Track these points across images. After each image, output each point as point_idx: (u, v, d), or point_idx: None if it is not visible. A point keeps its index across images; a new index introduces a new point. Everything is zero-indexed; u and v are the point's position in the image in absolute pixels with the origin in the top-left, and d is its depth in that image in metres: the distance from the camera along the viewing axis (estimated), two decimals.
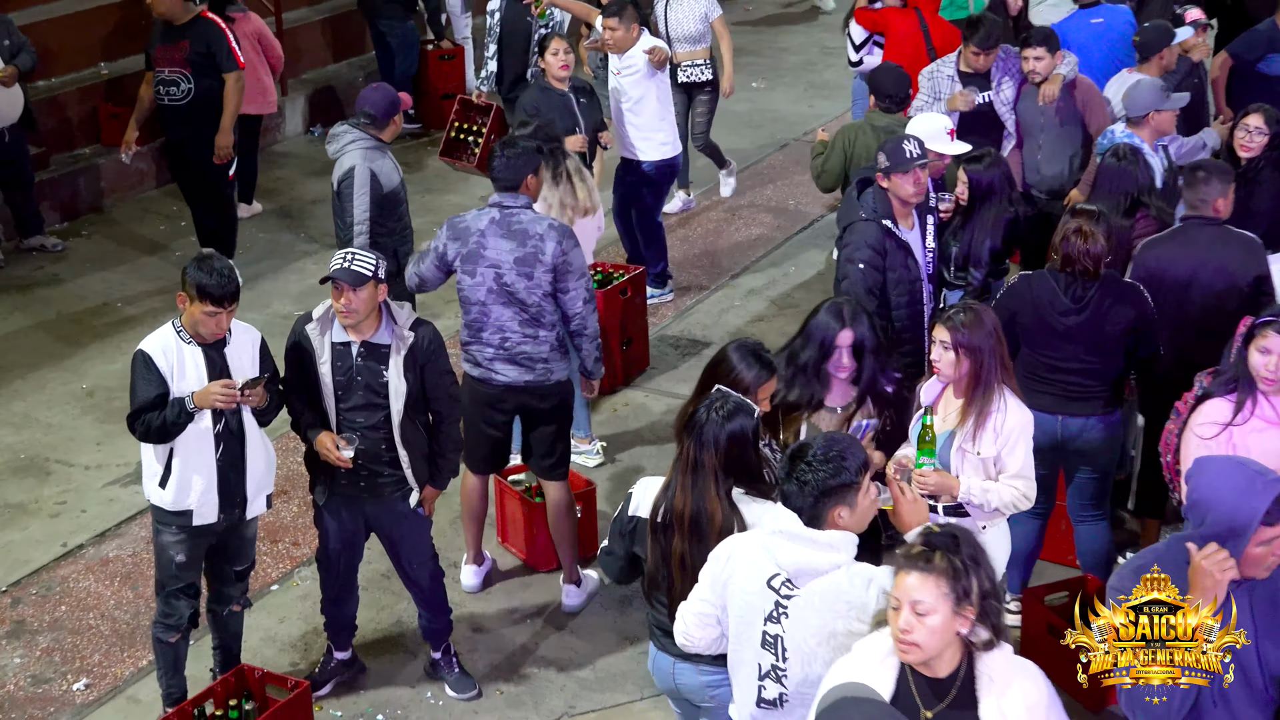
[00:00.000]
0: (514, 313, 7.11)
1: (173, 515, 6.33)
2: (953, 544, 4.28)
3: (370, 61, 14.74)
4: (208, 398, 6.10)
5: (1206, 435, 6.00)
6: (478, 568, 7.69)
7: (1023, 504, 6.13)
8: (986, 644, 4.30)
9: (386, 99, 8.28)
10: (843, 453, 4.75)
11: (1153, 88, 8.65)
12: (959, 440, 6.09)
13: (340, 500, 6.61)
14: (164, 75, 10.34)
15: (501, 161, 7.16)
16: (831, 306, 6.23)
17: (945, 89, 9.44)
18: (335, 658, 7.02)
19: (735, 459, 5.20)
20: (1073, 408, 6.92)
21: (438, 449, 6.63)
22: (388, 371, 6.37)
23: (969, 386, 6.06)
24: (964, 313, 6.06)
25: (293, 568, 7.88)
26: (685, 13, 11.19)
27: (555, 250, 7.05)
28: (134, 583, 7.74)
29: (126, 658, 7.22)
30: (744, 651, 4.94)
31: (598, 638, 7.33)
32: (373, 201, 8.06)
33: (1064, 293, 6.87)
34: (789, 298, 10.78)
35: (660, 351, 10.08)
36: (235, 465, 6.36)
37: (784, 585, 4.79)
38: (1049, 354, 6.95)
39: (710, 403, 5.26)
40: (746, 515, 5.20)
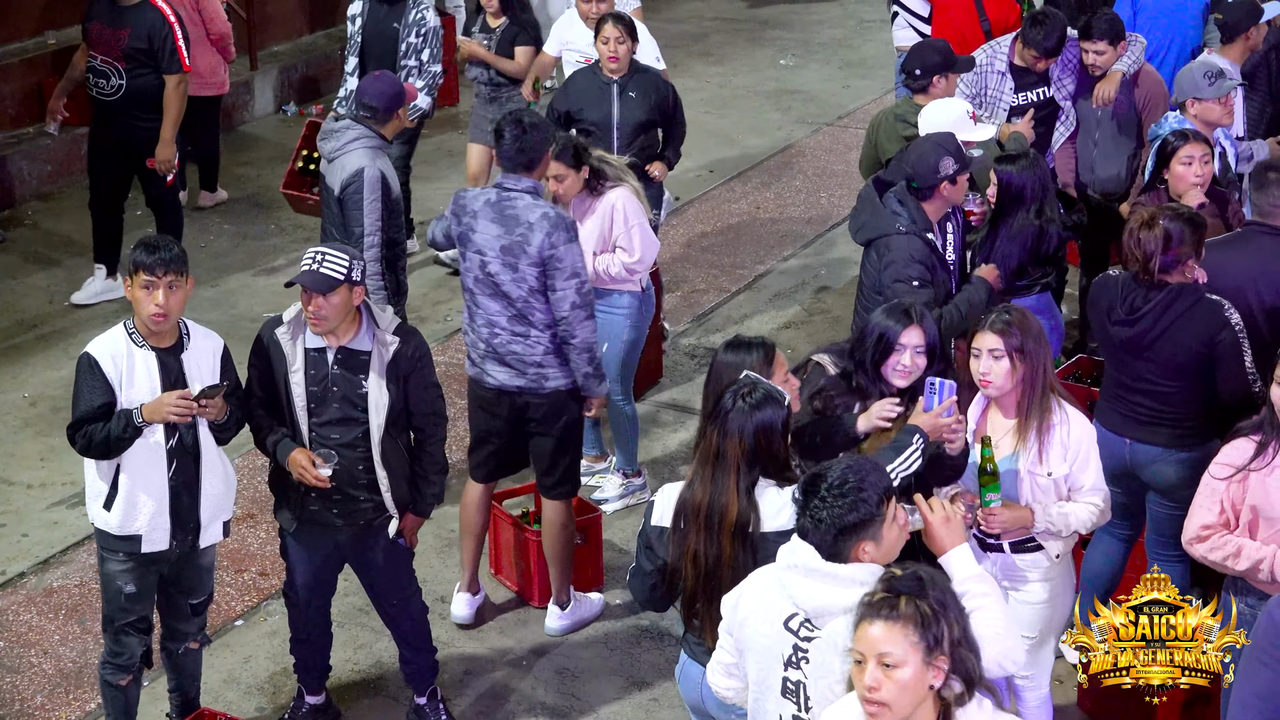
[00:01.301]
0: (501, 307, 7.20)
1: (119, 540, 6.34)
2: (918, 587, 4.26)
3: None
4: (160, 410, 6.09)
5: (1219, 476, 5.95)
6: (471, 596, 7.72)
7: (1101, 520, 6.18)
8: (959, 698, 4.27)
9: (391, 90, 8.24)
10: (861, 483, 4.75)
11: (1196, 71, 8.69)
12: (1024, 464, 6.09)
13: (310, 528, 6.61)
14: (96, 63, 10.27)
15: (511, 138, 7.19)
16: (894, 306, 6.19)
17: (994, 85, 9.38)
18: (307, 702, 7.03)
19: (762, 450, 5.32)
20: (1141, 433, 6.88)
21: (420, 471, 6.64)
22: (367, 382, 6.38)
23: (1023, 397, 6.07)
24: (1008, 314, 6.07)
25: (260, 600, 7.91)
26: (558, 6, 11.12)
27: (543, 242, 7.08)
28: (81, 616, 7.77)
29: (72, 700, 7.25)
30: (765, 700, 4.96)
31: (602, 682, 7.35)
32: (385, 211, 8.03)
33: (1121, 300, 6.88)
34: (820, 302, 10.82)
35: (674, 361, 10.12)
36: (189, 486, 6.36)
37: (803, 626, 4.80)
38: (1118, 369, 6.97)
39: (738, 389, 5.37)
40: (766, 507, 5.31)
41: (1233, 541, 5.86)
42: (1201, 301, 6.81)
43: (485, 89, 10.83)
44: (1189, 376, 6.82)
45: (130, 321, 6.27)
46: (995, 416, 6.19)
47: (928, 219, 7.38)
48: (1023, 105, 9.39)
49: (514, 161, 7.20)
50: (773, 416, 5.35)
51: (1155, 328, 6.80)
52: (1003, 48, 9.48)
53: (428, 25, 10.48)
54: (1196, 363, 6.80)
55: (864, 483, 4.74)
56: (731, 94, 14.69)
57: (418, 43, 10.42)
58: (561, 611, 7.60)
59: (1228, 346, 6.76)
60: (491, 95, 10.81)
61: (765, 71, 15.04)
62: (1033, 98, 9.41)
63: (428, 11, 10.52)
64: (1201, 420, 6.87)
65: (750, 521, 5.29)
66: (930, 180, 7.33)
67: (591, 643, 7.62)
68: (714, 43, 16.06)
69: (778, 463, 5.39)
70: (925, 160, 7.37)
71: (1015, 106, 9.38)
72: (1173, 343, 6.79)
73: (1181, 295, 6.80)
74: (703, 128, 13.34)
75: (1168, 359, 6.81)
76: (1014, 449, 6.11)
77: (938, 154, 7.36)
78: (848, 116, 13.90)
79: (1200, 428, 6.88)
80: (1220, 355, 6.77)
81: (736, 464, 5.32)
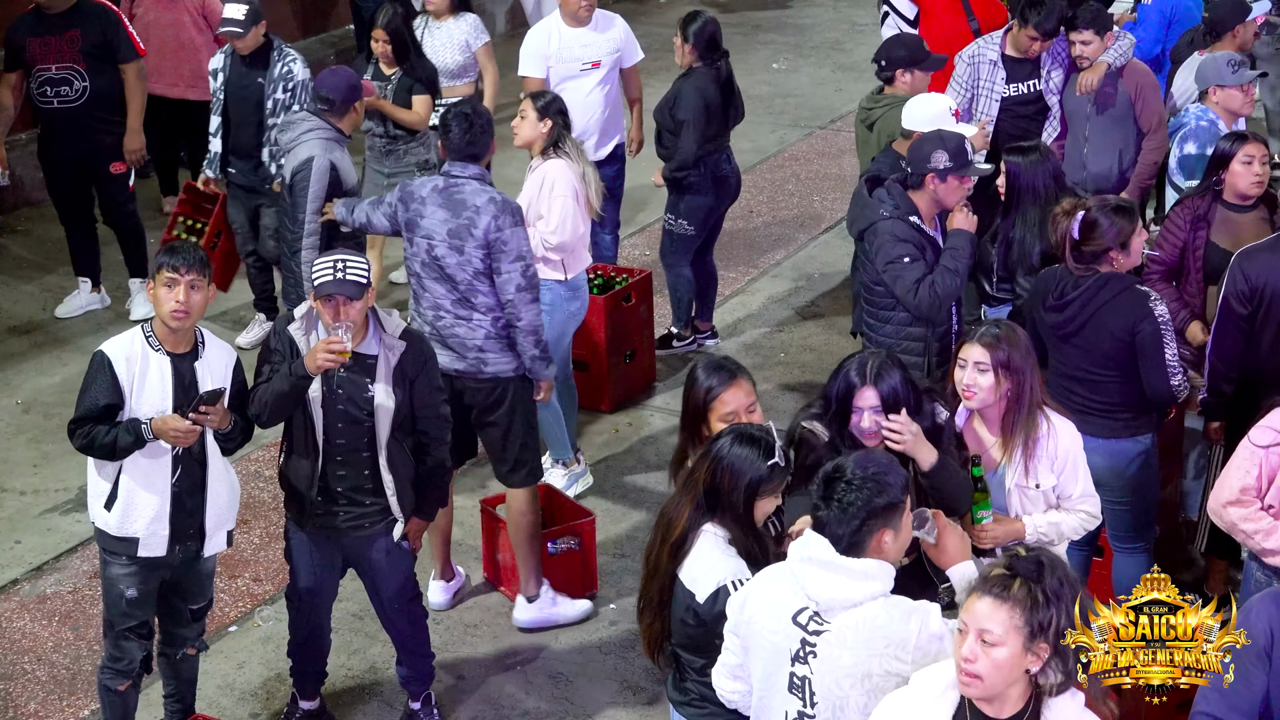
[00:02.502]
0: (446, 290, 7.30)
1: (119, 542, 6.35)
2: (1036, 571, 4.34)
3: (342, 38, 14.85)
4: (167, 428, 6.13)
5: (1261, 442, 5.99)
6: (446, 584, 7.79)
7: (1091, 524, 6.22)
8: (1058, 688, 4.35)
9: (346, 83, 8.34)
10: (883, 471, 4.82)
11: (1219, 60, 8.77)
12: (1011, 478, 6.10)
13: (315, 531, 6.65)
14: (50, 73, 10.08)
15: (458, 130, 7.31)
16: (856, 361, 5.87)
17: (986, 76, 9.42)
18: (301, 708, 7.06)
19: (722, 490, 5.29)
20: (1078, 425, 6.71)
21: (425, 475, 6.67)
22: (373, 386, 6.41)
23: (1009, 412, 6.06)
24: (998, 328, 6.07)
25: (254, 607, 7.93)
26: (443, 40, 10.55)
27: (489, 225, 7.17)
28: (74, 623, 7.78)
29: (66, 707, 7.26)
30: (771, 698, 4.98)
31: (597, 688, 7.37)
32: (330, 199, 8.13)
33: (1054, 287, 6.99)
34: (814, 306, 10.84)
35: (668, 365, 10.14)
36: (193, 493, 6.39)
37: (812, 620, 4.83)
38: (1055, 357, 7.06)
39: (746, 430, 5.37)
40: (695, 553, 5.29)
41: (1268, 521, 5.94)
42: (1127, 290, 6.88)
43: (381, 142, 10.05)
44: (1117, 366, 6.90)
45: (148, 325, 6.30)
46: (980, 429, 6.18)
47: (912, 204, 7.34)
48: (1013, 96, 9.43)
49: (461, 152, 7.32)
50: (749, 462, 5.28)
51: (1081, 314, 6.90)
52: (994, 39, 9.53)
53: (296, 79, 9.67)
54: (1121, 351, 6.87)
55: (886, 471, 4.83)
56: None
57: (285, 98, 9.62)
58: (528, 604, 7.62)
59: (1147, 337, 6.81)
60: (387, 149, 10.05)
61: (758, 75, 15.02)
62: (1023, 89, 9.45)
63: (295, 64, 9.72)
64: (1132, 413, 6.95)
65: (683, 550, 5.33)
66: (920, 168, 7.31)
67: (585, 648, 7.64)
68: None
69: (733, 515, 5.31)
70: (920, 149, 7.38)
71: (1006, 97, 9.42)
72: (1097, 330, 6.88)
73: (1109, 284, 6.89)
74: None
75: (1093, 346, 6.91)
76: (1000, 463, 6.12)
77: (934, 145, 7.34)
78: (840, 120, 13.91)
79: (1130, 421, 6.96)
80: (1140, 345, 6.84)
81: (695, 491, 5.34)
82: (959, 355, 6.09)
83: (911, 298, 7.22)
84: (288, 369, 6.29)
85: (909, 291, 7.22)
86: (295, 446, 6.53)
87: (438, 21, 10.52)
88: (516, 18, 16.10)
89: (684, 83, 9.71)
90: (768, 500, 5.33)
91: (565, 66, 9.93)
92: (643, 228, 11.96)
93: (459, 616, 7.83)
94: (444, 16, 10.51)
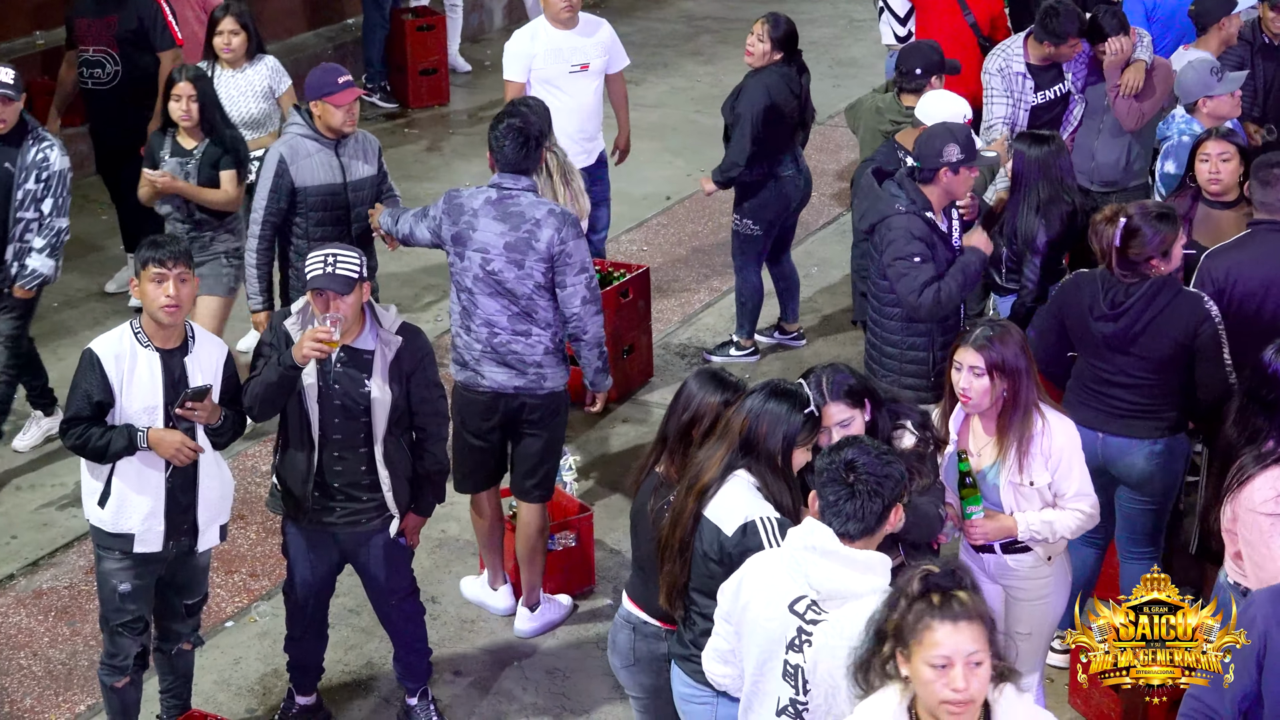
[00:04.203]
0: (503, 305, 7.17)
1: (113, 538, 6.37)
2: (966, 580, 4.28)
3: (342, 32, 14.84)
4: (162, 443, 6.18)
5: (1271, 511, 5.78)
6: (511, 588, 7.77)
7: (1089, 524, 6.20)
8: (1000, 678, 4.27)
9: (309, 80, 8.06)
10: (885, 456, 4.94)
11: (1201, 70, 8.73)
12: (1005, 475, 6.11)
13: (312, 527, 6.65)
14: (88, 55, 10.27)
15: (513, 144, 7.20)
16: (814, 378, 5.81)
17: (1018, 87, 9.30)
18: (298, 703, 7.06)
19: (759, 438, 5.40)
20: (1115, 426, 6.92)
21: (422, 471, 6.67)
22: (370, 381, 6.41)
23: (1005, 412, 6.06)
24: (990, 330, 6.06)
25: (250, 602, 7.93)
26: (241, 89, 9.63)
27: (553, 238, 7.09)
28: (71, 618, 7.78)
29: (62, 702, 7.26)
30: (764, 683, 5.01)
31: (591, 683, 7.38)
32: (280, 194, 7.99)
33: (1104, 296, 6.91)
34: (811, 302, 10.84)
35: (665, 361, 10.15)
36: (186, 489, 6.40)
37: (810, 609, 4.86)
38: (1097, 364, 7.00)
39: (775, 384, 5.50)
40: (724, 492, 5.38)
41: None
42: (1182, 294, 6.88)
43: (183, 228, 8.70)
44: (1170, 369, 6.87)
45: (136, 322, 6.31)
46: (976, 428, 6.19)
47: (927, 200, 7.35)
48: (1043, 103, 9.36)
49: (514, 165, 7.21)
50: (786, 415, 5.39)
51: (1139, 321, 6.84)
52: (1016, 50, 9.40)
53: (51, 168, 8.40)
54: (1179, 355, 6.84)
55: (888, 456, 4.95)
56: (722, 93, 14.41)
57: (38, 189, 8.38)
58: (531, 614, 7.63)
59: (1208, 339, 6.81)
60: (191, 236, 8.65)
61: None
62: (1050, 94, 9.38)
63: (51, 150, 8.44)
64: (1176, 412, 6.94)
65: (708, 499, 5.42)
66: (932, 163, 7.31)
67: (581, 643, 7.65)
68: (704, 42, 16.07)
69: (770, 465, 5.40)
70: (931, 143, 7.37)
71: (1036, 105, 9.36)
72: (1157, 336, 6.84)
73: (1164, 289, 6.84)
74: (694, 127, 13.36)
75: (1150, 352, 6.86)
76: (994, 460, 6.13)
77: (945, 139, 7.35)
78: (838, 116, 13.89)
79: (1173, 420, 6.95)
80: (1201, 348, 6.82)
81: (732, 440, 5.42)
82: (954, 358, 6.10)
83: (914, 298, 7.20)
84: (277, 359, 6.31)
85: (913, 292, 7.20)
86: (291, 441, 6.53)
87: (234, 69, 9.60)
88: (513, 13, 16.07)
89: (753, 79, 9.62)
90: (803, 450, 5.46)
91: (552, 68, 9.76)
92: (640, 223, 11.97)
93: (456, 612, 7.83)
94: (240, 63, 9.58)
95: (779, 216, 9.85)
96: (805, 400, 5.43)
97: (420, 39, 14.23)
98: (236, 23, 9.48)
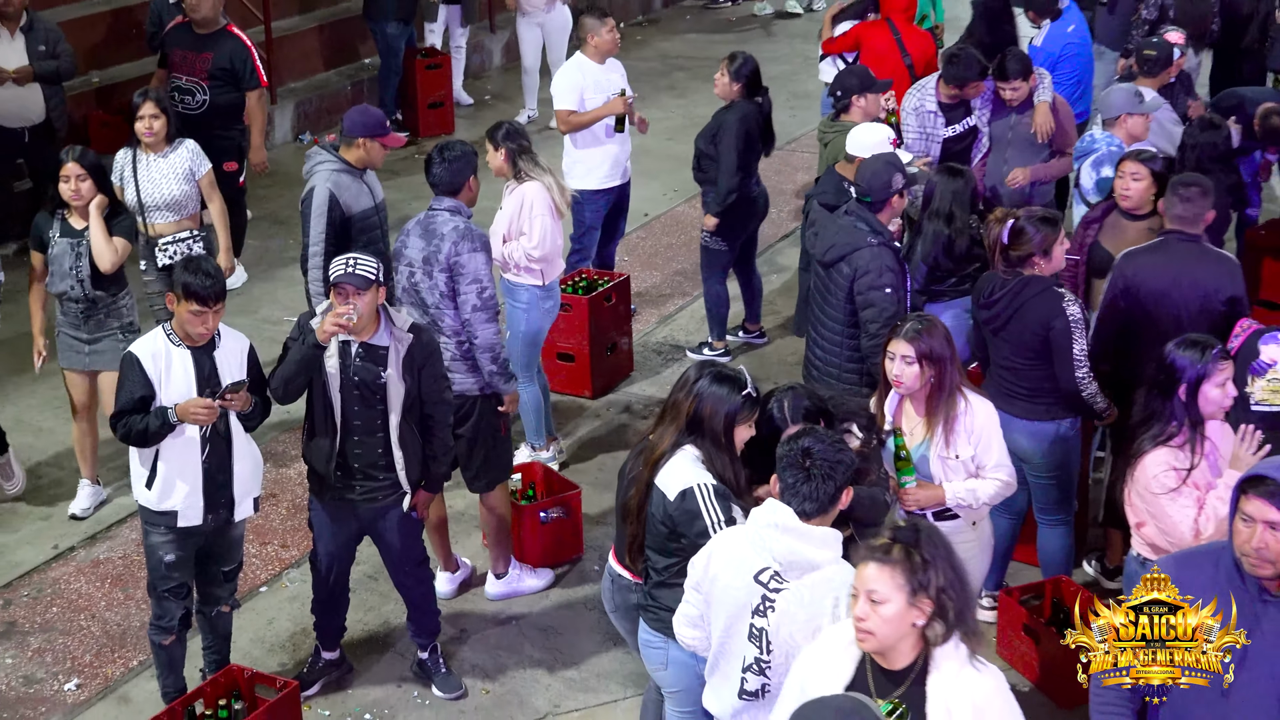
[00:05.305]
0: (419, 314, 7.10)
1: (159, 515, 6.36)
2: (914, 538, 4.33)
3: (359, 70, 14.74)
4: (189, 411, 6.15)
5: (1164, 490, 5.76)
6: (451, 575, 7.66)
7: (1007, 491, 6.19)
8: (941, 637, 4.31)
9: (356, 118, 7.94)
10: (838, 443, 4.96)
11: (1127, 91, 8.76)
12: (935, 450, 6.11)
13: (334, 503, 6.60)
14: (181, 83, 10.39)
15: (441, 167, 7.17)
16: (776, 401, 5.72)
17: (930, 124, 9.31)
18: (323, 658, 7.01)
19: (704, 419, 5.42)
20: (1003, 404, 6.77)
21: (430, 452, 6.62)
22: (385, 373, 6.37)
23: (932, 395, 6.07)
24: (919, 324, 6.07)
25: (281, 570, 7.87)
26: (163, 172, 8.65)
27: (450, 250, 7.01)
28: (124, 584, 7.72)
29: (117, 658, 7.21)
30: (730, 643, 5.00)
31: (582, 639, 7.33)
32: (334, 226, 7.78)
33: (986, 288, 6.99)
34: (770, 304, 10.78)
35: (643, 357, 10.09)
36: (222, 468, 6.38)
37: (773, 579, 4.85)
38: (991, 350, 7.07)
39: (712, 368, 5.51)
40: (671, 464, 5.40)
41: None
42: (1047, 292, 6.87)
43: (76, 307, 7.86)
44: (1037, 356, 6.88)
45: (169, 325, 6.29)
46: (908, 410, 6.20)
47: (888, 229, 7.31)
48: (952, 135, 9.36)
49: (445, 186, 7.17)
50: (726, 397, 5.41)
51: (1006, 311, 6.89)
52: (929, 90, 9.40)
53: None
54: (1038, 344, 6.85)
55: (840, 443, 4.98)
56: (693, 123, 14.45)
57: None
58: (497, 580, 7.56)
59: (1060, 333, 6.80)
60: (85, 313, 7.89)
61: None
62: (959, 128, 9.38)
63: None
64: (1051, 399, 6.91)
65: (659, 465, 5.44)
66: (884, 194, 7.27)
67: (572, 604, 7.60)
68: (677, 78, 16.02)
69: (714, 441, 5.42)
70: (879, 177, 7.32)
71: (947, 139, 9.34)
72: (1020, 324, 6.87)
73: (1030, 284, 6.88)
74: (667, 153, 13.29)
75: (1015, 339, 6.90)
76: (925, 437, 6.12)
77: (889, 171, 7.34)
78: (794, 141, 13.84)
79: (1051, 406, 6.93)
80: (1053, 340, 6.82)
81: (681, 420, 5.46)
82: (888, 349, 6.11)
83: (877, 327, 6.99)
84: (302, 340, 6.29)
85: (880, 324, 6.97)
86: (316, 427, 6.48)
87: (155, 153, 8.67)
88: (510, 54, 16.01)
89: (727, 114, 9.54)
90: (744, 428, 5.46)
91: (600, 97, 9.76)
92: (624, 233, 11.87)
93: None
94: (161, 147, 8.64)
95: (743, 232, 9.78)
96: (744, 383, 5.44)
97: (429, 76, 14.15)
98: (157, 107, 8.57)
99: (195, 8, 10.31)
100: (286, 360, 6.38)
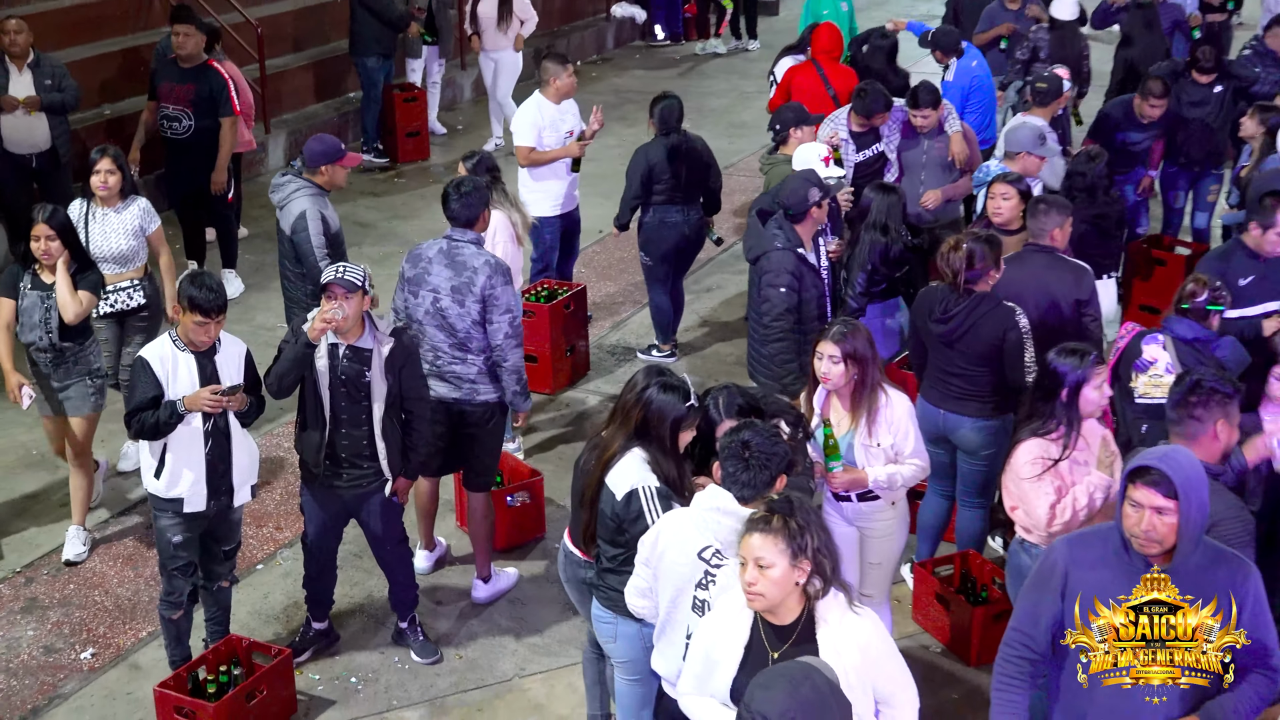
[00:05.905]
0: (445, 336, 7.07)
1: (167, 502, 6.41)
2: (788, 508, 4.43)
3: (345, 103, 14.80)
4: (197, 402, 6.21)
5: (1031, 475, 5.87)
6: (429, 553, 7.74)
7: (921, 475, 6.28)
8: (820, 591, 4.44)
9: (315, 148, 7.90)
10: (775, 437, 5.00)
11: (1034, 130, 8.89)
12: (859, 439, 6.18)
13: (323, 489, 6.66)
14: (169, 111, 10.53)
15: (457, 201, 7.13)
16: (712, 399, 5.80)
17: (843, 151, 9.41)
18: (314, 628, 7.08)
19: (651, 425, 5.44)
20: (952, 406, 7.04)
21: (410, 444, 6.68)
22: (370, 372, 6.42)
23: (856, 390, 6.14)
24: (844, 327, 6.15)
25: (275, 549, 7.93)
26: (114, 226, 8.14)
27: (485, 283, 6.99)
28: (135, 564, 7.77)
29: (129, 629, 7.26)
30: (676, 613, 5.07)
31: (545, 609, 7.42)
32: (327, 238, 7.85)
33: (939, 304, 7.02)
34: (714, 312, 10.92)
35: (598, 358, 10.19)
36: (222, 459, 6.44)
37: (714, 556, 4.92)
38: (938, 357, 7.10)
39: (658, 376, 5.51)
40: (620, 465, 5.42)
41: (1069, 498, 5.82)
42: (998, 307, 6.96)
43: (46, 357, 7.53)
44: (988, 363, 6.96)
45: (174, 331, 6.36)
46: (835, 404, 6.27)
47: (799, 237, 7.41)
48: (862, 160, 9.53)
49: (462, 218, 7.13)
50: (672, 405, 5.44)
51: (962, 325, 6.95)
52: (842, 120, 9.59)
53: None
54: (992, 353, 6.93)
55: (776, 436, 5.02)
56: None
57: None
58: (484, 584, 7.52)
59: (1013, 343, 6.90)
60: (54, 362, 7.54)
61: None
62: (868, 154, 9.55)
63: None
64: (998, 398, 7.01)
65: (610, 464, 5.48)
66: (802, 207, 7.40)
67: (537, 579, 7.67)
68: (628, 110, 16.09)
69: (660, 445, 5.45)
70: (797, 192, 7.44)
71: (858, 163, 9.51)
72: (975, 337, 6.93)
73: (983, 302, 6.96)
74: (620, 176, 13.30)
75: (970, 349, 6.96)
76: (850, 427, 6.20)
77: (806, 186, 7.45)
78: (731, 167, 13.96)
79: (998, 403, 7.02)
80: (1006, 349, 6.91)
81: (629, 426, 5.48)
82: (816, 349, 6.18)
83: (770, 320, 7.27)
84: (294, 340, 6.35)
85: (776, 318, 7.27)
86: (308, 421, 6.54)
87: (108, 208, 8.15)
88: (479, 88, 16.10)
89: (639, 149, 9.66)
90: (687, 432, 5.50)
91: (554, 136, 9.81)
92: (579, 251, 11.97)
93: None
94: (115, 202, 8.14)
95: (668, 252, 9.75)
96: (688, 393, 5.47)
97: (406, 108, 14.21)
98: (113, 163, 8.08)
99: (181, 45, 10.48)
100: (281, 358, 6.43)
